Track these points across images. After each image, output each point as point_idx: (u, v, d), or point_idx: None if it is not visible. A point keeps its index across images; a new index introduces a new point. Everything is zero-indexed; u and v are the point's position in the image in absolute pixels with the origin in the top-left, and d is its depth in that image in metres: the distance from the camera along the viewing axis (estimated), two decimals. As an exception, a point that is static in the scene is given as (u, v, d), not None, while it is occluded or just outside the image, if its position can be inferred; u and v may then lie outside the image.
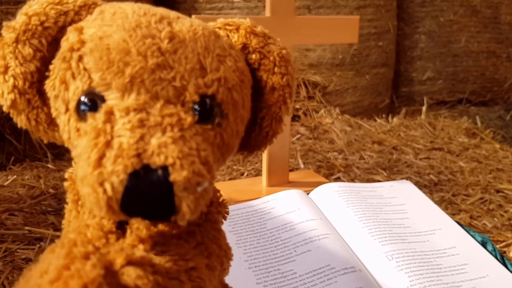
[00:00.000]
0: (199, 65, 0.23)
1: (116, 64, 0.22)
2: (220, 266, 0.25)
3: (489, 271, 0.48)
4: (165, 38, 0.23)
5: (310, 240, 0.51)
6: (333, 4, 1.29)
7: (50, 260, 0.17)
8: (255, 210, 0.58)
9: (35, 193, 0.71)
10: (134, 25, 0.23)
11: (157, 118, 0.21)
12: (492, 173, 0.87)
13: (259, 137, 0.29)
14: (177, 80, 0.22)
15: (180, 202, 0.20)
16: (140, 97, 0.21)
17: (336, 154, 0.95)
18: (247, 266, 0.47)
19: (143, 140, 0.20)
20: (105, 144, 0.20)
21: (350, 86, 1.36)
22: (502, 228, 0.64)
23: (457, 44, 1.62)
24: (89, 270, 0.16)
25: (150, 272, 0.19)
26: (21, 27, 0.24)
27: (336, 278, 0.45)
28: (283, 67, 0.27)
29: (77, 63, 0.22)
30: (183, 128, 0.21)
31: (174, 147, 0.20)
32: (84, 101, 0.22)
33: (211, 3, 1.29)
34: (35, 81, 0.25)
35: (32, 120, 0.26)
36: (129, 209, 0.19)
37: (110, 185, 0.19)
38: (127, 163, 0.19)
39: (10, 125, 0.87)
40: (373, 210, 0.58)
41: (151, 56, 0.22)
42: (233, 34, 0.28)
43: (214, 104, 0.23)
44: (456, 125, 1.21)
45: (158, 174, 0.19)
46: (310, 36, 0.65)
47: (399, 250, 0.50)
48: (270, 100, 0.27)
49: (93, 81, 0.22)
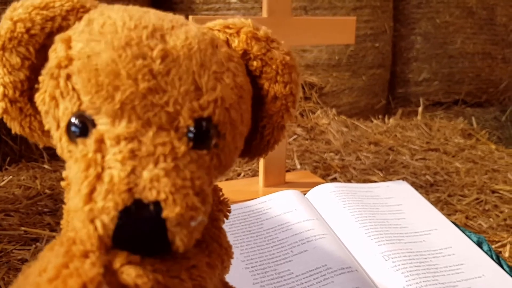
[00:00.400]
0: (194, 86, 0.22)
1: (105, 88, 0.20)
2: (221, 265, 0.25)
3: (485, 271, 0.48)
4: (157, 58, 0.21)
5: (307, 240, 0.51)
6: (330, 5, 1.30)
7: (49, 258, 0.17)
8: (252, 211, 0.58)
9: (31, 194, 0.71)
10: (124, 42, 0.21)
11: (149, 147, 0.20)
12: (487, 173, 0.87)
13: (260, 145, 0.28)
14: (170, 105, 0.21)
15: (173, 237, 0.19)
16: (131, 125, 0.20)
17: (333, 155, 0.95)
18: (244, 266, 0.47)
19: (134, 173, 0.19)
20: (95, 177, 0.19)
21: (346, 87, 1.36)
22: (498, 228, 0.65)
23: (453, 46, 1.63)
24: (88, 269, 0.16)
25: (150, 271, 0.19)
26: (6, 34, 0.23)
27: (333, 278, 0.45)
28: (286, 75, 0.26)
29: (65, 82, 0.21)
30: (177, 157, 0.20)
31: (166, 181, 0.19)
32: (75, 123, 0.21)
33: (208, 4, 1.29)
34: (26, 89, 0.24)
35: (26, 128, 0.25)
36: (122, 244, 0.19)
37: (101, 223, 0.18)
38: (117, 200, 0.18)
39: (5, 125, 0.86)
40: (369, 210, 0.58)
41: (142, 80, 0.21)
42: (233, 38, 0.26)
43: (210, 126, 0.22)
44: (452, 126, 1.22)
45: (150, 210, 0.19)
46: (306, 37, 0.65)
47: (395, 250, 0.50)
48: (271, 109, 0.26)
49: (82, 103, 0.21)
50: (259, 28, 0.26)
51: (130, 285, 0.18)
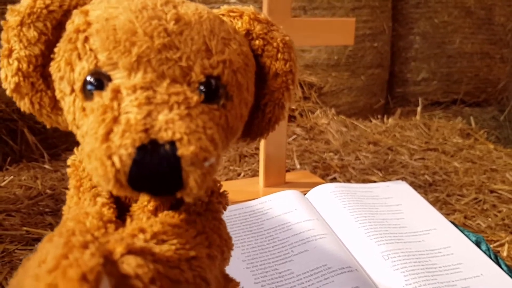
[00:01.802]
0: (204, 46, 0.23)
1: (122, 44, 0.22)
2: (220, 256, 0.25)
3: (483, 271, 0.49)
4: (171, 20, 0.23)
5: (307, 240, 0.51)
6: (329, 5, 1.30)
7: (48, 249, 0.17)
8: (253, 211, 0.58)
9: (32, 194, 0.71)
10: (140, 7, 0.23)
11: (164, 96, 0.21)
12: (486, 173, 0.88)
13: (261, 123, 0.29)
14: (183, 60, 0.22)
15: (187, 177, 0.20)
16: (147, 76, 0.22)
17: (332, 155, 0.95)
18: (245, 266, 0.48)
19: (150, 116, 0.20)
20: (112, 120, 0.20)
21: (345, 87, 1.36)
22: (496, 228, 0.65)
23: (451, 45, 1.63)
24: (88, 259, 0.16)
25: (151, 261, 0.19)
26: (26, 10, 0.24)
27: (333, 278, 0.45)
28: (286, 53, 0.27)
29: (83, 44, 0.23)
30: (190, 106, 0.21)
31: (181, 123, 0.20)
32: (90, 80, 0.22)
33: (207, 4, 1.29)
34: (39, 65, 0.25)
35: (36, 104, 0.26)
36: (137, 183, 0.20)
37: (119, 158, 0.19)
38: (135, 137, 0.19)
39: (6, 125, 0.87)
40: (369, 210, 0.59)
41: (157, 37, 0.22)
42: (237, 20, 0.28)
43: (220, 85, 0.24)
44: (451, 125, 1.22)
45: (165, 149, 0.19)
46: (306, 37, 0.66)
47: (394, 250, 0.50)
48: (273, 86, 0.28)
49: (99, 61, 0.22)
50: (260, 13, 0.28)
51: (130, 275, 0.18)
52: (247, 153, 0.93)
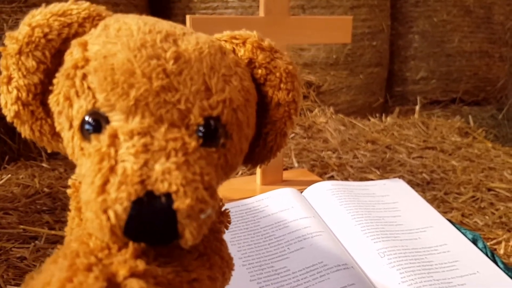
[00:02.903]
0: (204, 86, 0.23)
1: (120, 86, 0.21)
2: (221, 277, 0.25)
3: (480, 268, 0.49)
4: (171, 59, 0.23)
5: (304, 237, 0.51)
6: (327, 4, 1.30)
7: (53, 271, 0.17)
8: (249, 208, 0.58)
9: (30, 192, 0.71)
10: (139, 44, 0.22)
11: (162, 142, 0.21)
12: (484, 171, 0.88)
13: (263, 151, 0.29)
14: (182, 102, 0.22)
15: (183, 229, 0.20)
16: (145, 121, 0.21)
17: (330, 153, 0.96)
18: (241, 263, 0.48)
19: (147, 166, 0.20)
20: (109, 169, 0.20)
21: (344, 86, 1.37)
22: (493, 226, 0.65)
23: (450, 44, 1.63)
24: (92, 283, 0.16)
25: (153, 284, 0.19)
26: (24, 39, 0.24)
27: (329, 275, 0.45)
28: (289, 83, 0.27)
29: (81, 81, 0.22)
30: (188, 153, 0.21)
31: (177, 174, 0.20)
32: (89, 121, 0.22)
33: (206, 2, 1.29)
34: (39, 93, 0.24)
35: (36, 131, 0.25)
36: (133, 235, 0.20)
37: (114, 213, 0.19)
38: (130, 191, 0.19)
39: (4, 124, 0.87)
40: (365, 208, 0.59)
41: (156, 78, 0.22)
42: (240, 48, 0.27)
43: (219, 125, 0.23)
44: (449, 124, 1.22)
45: (161, 202, 0.19)
46: (304, 36, 0.66)
47: (391, 247, 0.50)
48: (275, 116, 0.27)
49: (97, 101, 0.22)
50: (264, 39, 0.28)
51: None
52: (245, 151, 0.93)
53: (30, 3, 0.92)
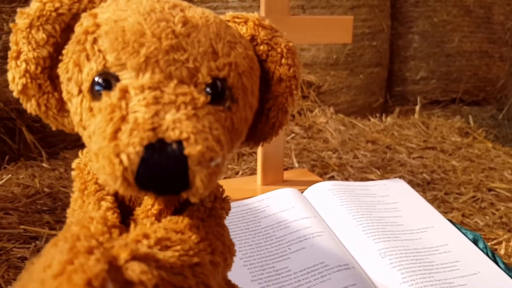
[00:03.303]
0: (211, 49, 0.24)
1: (131, 45, 0.22)
2: (223, 262, 0.25)
3: (481, 268, 0.49)
4: (179, 22, 0.23)
5: (304, 238, 0.51)
6: (327, 4, 1.30)
7: (53, 254, 0.17)
8: (250, 209, 0.58)
9: (30, 192, 0.71)
10: (149, 9, 0.23)
11: (171, 96, 0.21)
12: (484, 172, 0.88)
13: (265, 127, 0.29)
14: (190, 61, 0.23)
15: (194, 176, 0.20)
16: (155, 76, 0.22)
17: (330, 153, 0.96)
18: (242, 263, 0.48)
19: (158, 115, 0.20)
20: (120, 119, 0.20)
21: (344, 86, 1.36)
22: (494, 226, 0.65)
23: (450, 44, 1.63)
24: (93, 265, 0.16)
25: (154, 267, 0.19)
26: (35, 13, 0.24)
27: (330, 275, 0.45)
28: (290, 58, 0.28)
29: (91, 45, 0.23)
30: (196, 107, 0.21)
31: (188, 123, 0.20)
32: (99, 81, 0.22)
33: (206, 2, 1.29)
34: (47, 67, 0.25)
35: (42, 106, 0.26)
36: (144, 181, 0.20)
37: (127, 156, 0.19)
38: (143, 136, 0.19)
39: (4, 124, 0.87)
40: (366, 208, 0.59)
41: (165, 38, 0.23)
42: (242, 26, 0.28)
43: (225, 87, 0.24)
44: (449, 124, 1.22)
45: (173, 148, 0.20)
46: (304, 36, 0.66)
47: (392, 247, 0.50)
48: (277, 90, 0.28)
49: (107, 61, 0.22)
50: (264, 19, 0.29)
51: (134, 281, 0.18)
52: (245, 151, 0.93)
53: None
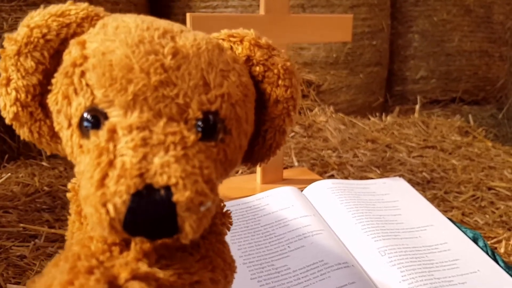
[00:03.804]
0: (202, 81, 0.23)
1: (119, 81, 0.21)
2: (224, 279, 0.25)
3: (480, 267, 0.49)
4: (168, 54, 0.22)
5: (304, 236, 0.51)
6: (327, 3, 1.30)
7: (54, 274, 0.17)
8: (250, 207, 0.58)
9: (30, 191, 0.71)
10: (137, 40, 0.22)
11: (160, 136, 0.21)
12: (484, 170, 0.88)
13: (262, 149, 0.28)
14: (180, 97, 0.22)
15: (183, 222, 0.19)
16: (143, 115, 0.21)
17: (330, 152, 0.95)
18: (242, 262, 0.48)
19: (145, 159, 0.20)
20: (108, 164, 0.20)
21: (344, 85, 1.36)
22: (494, 224, 0.65)
23: (450, 43, 1.63)
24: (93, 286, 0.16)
25: (155, 286, 0.19)
26: (23, 40, 0.24)
27: (330, 274, 0.45)
28: (287, 79, 0.27)
29: (79, 78, 0.22)
30: (186, 146, 0.21)
31: (177, 167, 0.20)
32: (87, 117, 0.22)
33: (205, 1, 1.29)
34: (37, 94, 0.24)
35: (35, 133, 0.25)
36: (132, 228, 0.19)
37: (113, 206, 0.19)
38: (129, 184, 0.19)
39: (4, 123, 0.86)
40: (366, 206, 0.59)
41: (154, 73, 0.22)
42: (237, 46, 0.27)
43: (218, 120, 0.23)
44: (449, 123, 1.22)
45: (160, 194, 0.19)
46: (304, 34, 0.66)
47: (391, 246, 0.50)
48: (273, 112, 0.27)
49: (95, 97, 0.22)
50: (261, 37, 0.28)
51: None
52: (245, 150, 0.93)
53: (30, 2, 0.92)
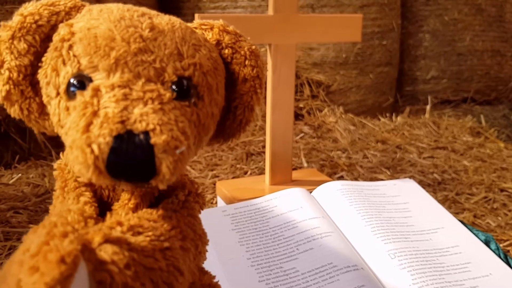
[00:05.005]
0: (176, 51, 0.26)
1: (102, 49, 0.24)
2: (195, 249, 0.27)
3: (492, 270, 0.48)
4: (146, 28, 0.26)
5: (313, 238, 0.51)
6: (337, 3, 1.29)
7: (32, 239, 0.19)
8: (258, 208, 0.58)
9: (40, 192, 0.71)
10: (119, 17, 0.26)
11: (139, 93, 0.24)
12: (496, 172, 0.87)
13: (233, 124, 0.32)
14: (157, 62, 0.25)
15: (160, 164, 0.22)
16: (124, 76, 0.24)
17: (340, 153, 0.95)
18: (250, 264, 0.48)
19: (126, 110, 0.22)
20: (92, 114, 0.22)
21: (353, 85, 1.36)
22: (506, 227, 0.64)
23: (462, 43, 1.61)
24: (67, 245, 0.18)
25: (126, 249, 0.21)
26: (17, 25, 0.27)
27: (339, 276, 0.45)
28: (253, 60, 0.30)
29: (67, 51, 0.25)
30: (163, 102, 0.24)
31: (154, 116, 0.22)
32: (73, 82, 0.25)
33: (215, 2, 1.29)
34: (28, 74, 0.27)
35: (25, 110, 0.28)
36: (114, 169, 0.21)
37: (97, 146, 0.21)
38: (112, 128, 0.21)
39: (15, 124, 0.87)
40: (375, 208, 0.58)
41: (133, 42, 0.25)
42: (208, 32, 0.31)
43: (191, 85, 0.26)
44: (461, 124, 1.21)
45: (140, 138, 0.22)
46: (313, 34, 0.65)
47: (401, 248, 0.50)
48: (242, 90, 0.31)
49: (81, 65, 0.25)
50: (229, 25, 0.31)
51: (107, 261, 0.20)
52: (254, 151, 0.93)
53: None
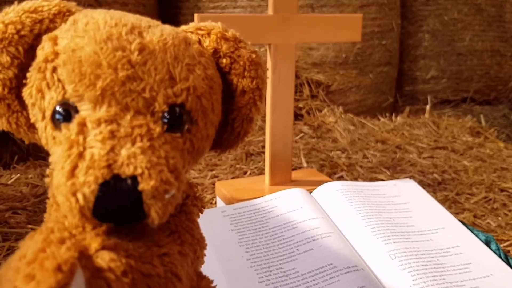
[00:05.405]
0: (168, 75, 0.24)
1: (88, 77, 0.23)
2: (193, 254, 0.26)
3: (493, 270, 0.48)
4: (135, 50, 0.24)
5: (313, 238, 0.51)
6: (337, 3, 1.29)
7: (29, 245, 0.18)
8: (258, 209, 0.58)
9: (39, 192, 0.71)
10: (105, 37, 0.24)
11: (127, 129, 0.22)
12: (496, 172, 0.86)
13: (231, 136, 0.30)
14: (147, 91, 0.23)
15: (149, 209, 0.21)
16: (111, 109, 0.23)
17: (339, 153, 0.95)
18: (249, 264, 0.47)
19: (113, 151, 0.21)
20: (77, 155, 0.21)
21: (353, 85, 1.35)
22: (506, 227, 0.64)
23: (461, 43, 1.61)
24: (63, 252, 0.17)
25: (123, 256, 0.21)
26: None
27: (339, 277, 0.45)
28: (252, 71, 0.29)
29: (51, 74, 0.23)
30: (152, 138, 0.22)
31: (142, 158, 0.21)
32: (59, 110, 0.23)
33: (214, 2, 1.29)
34: (14, 87, 0.26)
35: (13, 124, 0.27)
36: (101, 216, 0.21)
37: (82, 195, 0.20)
38: (97, 174, 0.20)
39: (14, 124, 0.87)
40: (376, 209, 0.58)
41: (121, 69, 0.23)
42: (205, 39, 0.29)
43: (184, 112, 0.24)
44: (460, 124, 1.21)
45: (127, 184, 0.20)
46: (313, 34, 0.65)
47: (402, 249, 0.50)
48: (240, 102, 0.29)
49: (66, 92, 0.23)
50: (228, 30, 0.29)
51: (104, 268, 0.19)
52: (254, 151, 0.92)
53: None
